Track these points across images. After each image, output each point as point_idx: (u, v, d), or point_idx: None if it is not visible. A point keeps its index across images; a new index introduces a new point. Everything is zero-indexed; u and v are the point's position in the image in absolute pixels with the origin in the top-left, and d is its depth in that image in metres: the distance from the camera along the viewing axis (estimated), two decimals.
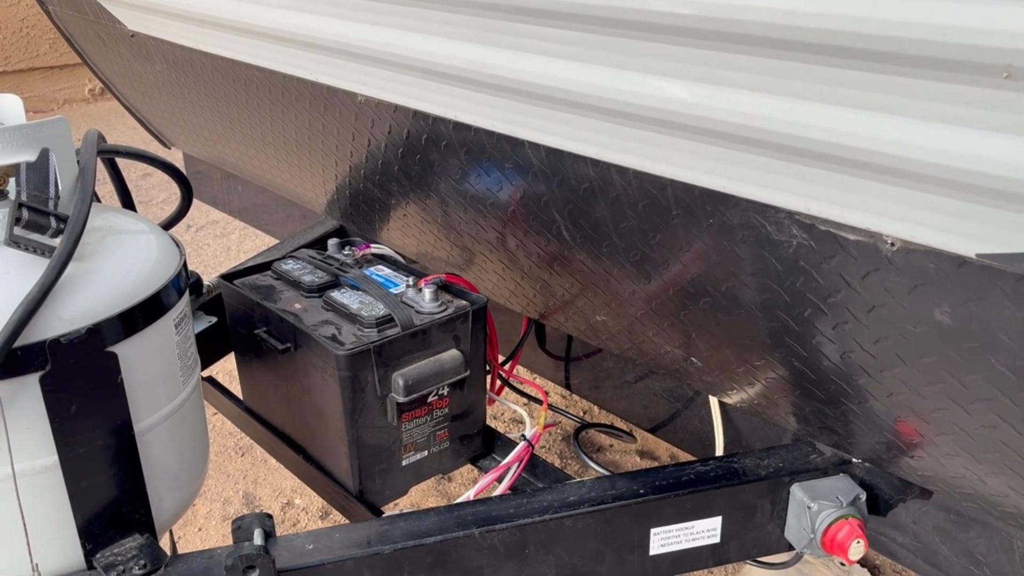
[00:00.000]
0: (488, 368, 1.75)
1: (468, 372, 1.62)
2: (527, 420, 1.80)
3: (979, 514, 1.42)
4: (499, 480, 1.63)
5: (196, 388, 1.38)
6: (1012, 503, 1.16)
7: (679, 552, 1.37)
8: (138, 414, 1.22)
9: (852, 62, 0.82)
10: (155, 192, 5.41)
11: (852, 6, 0.79)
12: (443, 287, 1.67)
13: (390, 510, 1.56)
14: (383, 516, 1.48)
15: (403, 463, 1.62)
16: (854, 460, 1.39)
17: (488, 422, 1.77)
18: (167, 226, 1.55)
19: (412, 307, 1.61)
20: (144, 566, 1.19)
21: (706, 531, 1.37)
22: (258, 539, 1.23)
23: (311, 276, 1.75)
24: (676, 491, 1.34)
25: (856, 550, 1.30)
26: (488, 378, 1.76)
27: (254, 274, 1.83)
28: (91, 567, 1.21)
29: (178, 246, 1.39)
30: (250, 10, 1.63)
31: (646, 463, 2.91)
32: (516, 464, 1.63)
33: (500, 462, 1.68)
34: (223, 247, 4.77)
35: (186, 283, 1.35)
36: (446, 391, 1.62)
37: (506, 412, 3.16)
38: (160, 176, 5.29)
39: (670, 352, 1.45)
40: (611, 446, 2.99)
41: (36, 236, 1.12)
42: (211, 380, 2.02)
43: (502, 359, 1.93)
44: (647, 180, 1.12)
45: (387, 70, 1.41)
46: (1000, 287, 0.85)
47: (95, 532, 1.20)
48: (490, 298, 1.68)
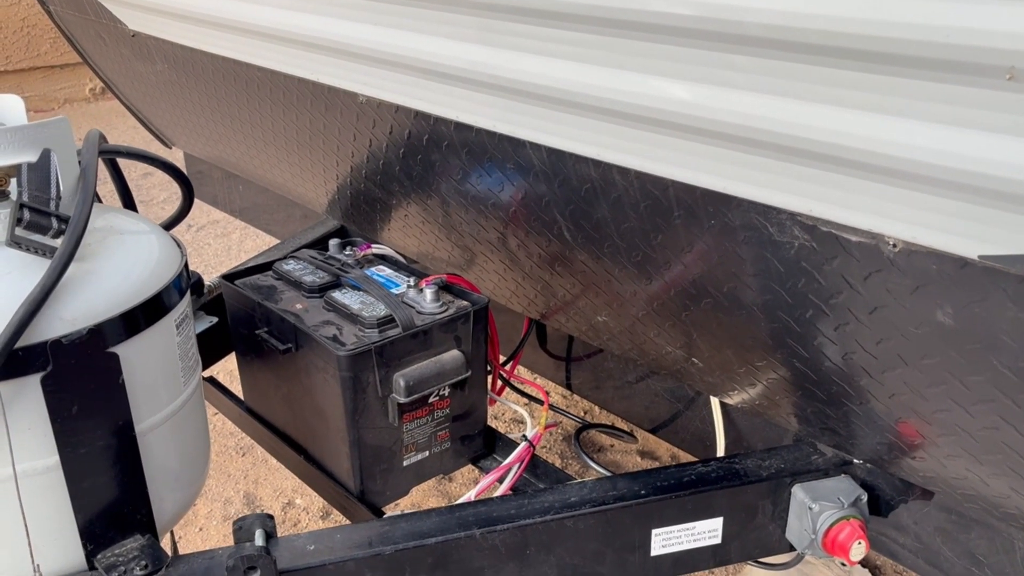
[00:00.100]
0: (489, 368, 1.75)
1: (469, 372, 1.62)
2: (528, 420, 1.79)
3: (981, 515, 1.41)
4: (500, 480, 1.63)
5: (197, 388, 1.38)
6: (1014, 504, 1.16)
7: (680, 553, 1.37)
8: (139, 414, 1.22)
9: (854, 63, 0.81)
10: (156, 192, 5.41)
11: (854, 7, 0.79)
12: (444, 287, 1.67)
13: (391, 510, 1.56)
14: (384, 517, 1.48)
15: (404, 463, 1.62)
16: (855, 461, 1.39)
17: (489, 422, 1.77)
18: (168, 226, 1.55)
19: (413, 307, 1.60)
20: (145, 567, 1.19)
21: (707, 532, 1.37)
22: (259, 540, 1.23)
23: (312, 276, 1.75)
24: (677, 492, 1.34)
25: (857, 551, 1.30)
26: (489, 378, 1.77)
27: (255, 274, 1.83)
28: (92, 568, 1.21)
29: (179, 246, 1.39)
30: (251, 10, 1.63)
31: (647, 464, 2.91)
32: (517, 464, 1.64)
33: (501, 462, 1.68)
34: (224, 247, 4.77)
35: (187, 283, 1.34)
36: (447, 391, 1.62)
37: (507, 412, 3.15)
38: (161, 176, 5.30)
39: (671, 353, 1.45)
40: (612, 446, 2.99)
41: (37, 237, 1.12)
42: (212, 380, 2.02)
43: (503, 359, 1.93)
44: (649, 181, 1.12)
45: (388, 70, 1.41)
46: (1002, 289, 0.85)
47: (96, 532, 1.20)
48: (491, 298, 1.68)
